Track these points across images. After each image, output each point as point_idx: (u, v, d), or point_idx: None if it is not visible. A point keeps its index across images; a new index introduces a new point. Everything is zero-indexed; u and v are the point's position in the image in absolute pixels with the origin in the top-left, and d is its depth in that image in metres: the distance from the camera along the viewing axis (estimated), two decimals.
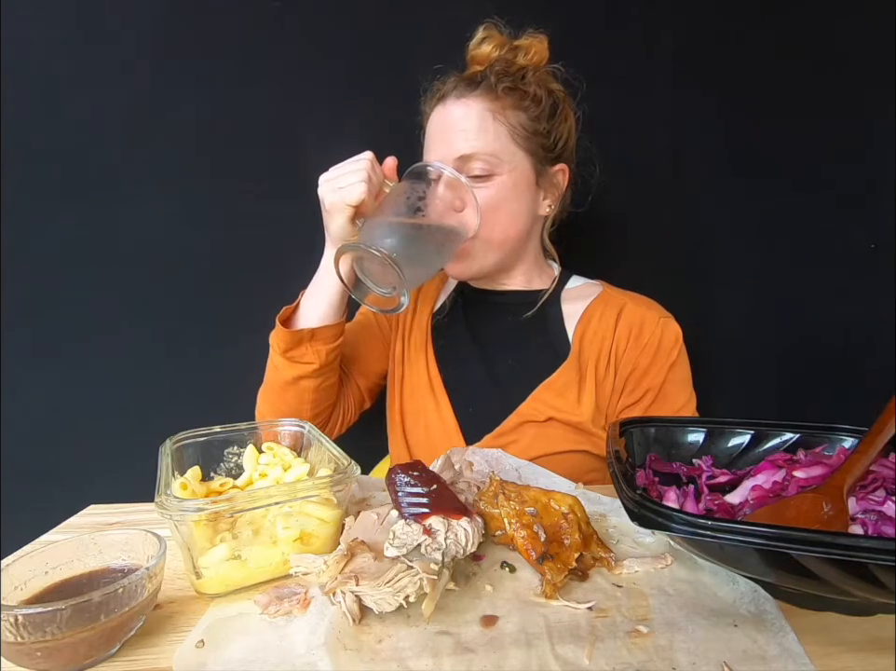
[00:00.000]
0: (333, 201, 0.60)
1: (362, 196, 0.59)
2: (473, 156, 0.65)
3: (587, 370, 0.69)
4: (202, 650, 0.32)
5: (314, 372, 0.66)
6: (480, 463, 0.57)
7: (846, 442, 0.46)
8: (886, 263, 0.97)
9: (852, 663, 0.31)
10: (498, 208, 0.67)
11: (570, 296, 0.76)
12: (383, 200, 0.61)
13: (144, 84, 0.87)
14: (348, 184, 0.59)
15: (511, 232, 0.70)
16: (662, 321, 0.70)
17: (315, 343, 0.66)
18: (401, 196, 0.60)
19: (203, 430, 0.51)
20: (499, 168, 0.66)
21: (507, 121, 0.65)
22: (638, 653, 0.31)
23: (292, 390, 0.68)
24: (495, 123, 0.65)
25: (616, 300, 0.73)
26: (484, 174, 0.65)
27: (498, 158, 0.65)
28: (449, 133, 0.66)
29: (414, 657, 0.31)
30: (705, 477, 0.47)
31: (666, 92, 0.94)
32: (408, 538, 0.37)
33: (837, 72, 0.94)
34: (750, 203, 0.97)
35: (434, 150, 0.68)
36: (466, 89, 0.66)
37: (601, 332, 0.70)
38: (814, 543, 0.28)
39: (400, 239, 0.56)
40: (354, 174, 0.60)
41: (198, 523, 0.37)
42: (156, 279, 0.90)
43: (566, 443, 0.67)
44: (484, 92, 0.65)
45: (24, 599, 0.32)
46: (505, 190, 0.67)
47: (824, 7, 0.92)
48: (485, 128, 0.65)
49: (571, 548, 0.40)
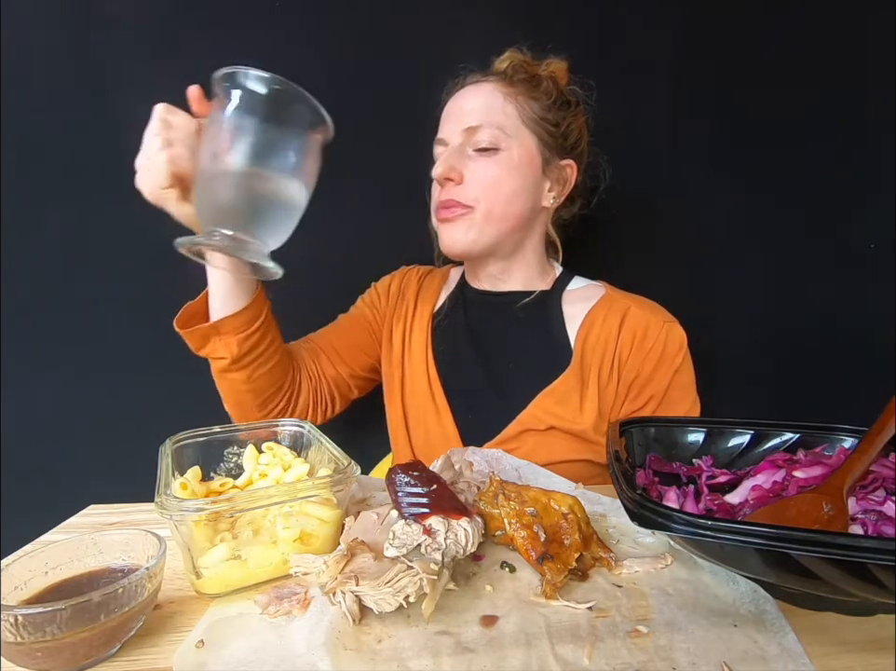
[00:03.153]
0: (150, 192, 0.51)
1: (170, 169, 0.48)
2: (480, 127, 0.66)
3: (589, 376, 0.68)
4: (202, 650, 0.32)
5: (232, 365, 0.63)
6: (480, 463, 0.57)
7: (846, 442, 0.46)
8: (886, 263, 0.97)
9: (852, 663, 0.31)
10: (501, 182, 0.67)
11: (572, 298, 0.75)
12: (197, 150, 0.46)
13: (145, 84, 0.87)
14: (152, 165, 0.49)
15: (513, 209, 0.69)
16: (667, 325, 0.69)
17: (223, 336, 0.62)
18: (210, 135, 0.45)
19: (203, 430, 0.51)
20: (505, 142, 0.66)
21: (517, 103, 0.67)
22: (638, 653, 0.31)
23: (225, 383, 0.67)
24: (504, 102, 0.67)
25: (619, 303, 0.71)
26: (491, 147, 0.66)
27: (504, 133, 0.66)
28: (459, 111, 0.69)
29: (414, 657, 0.31)
30: (705, 477, 0.47)
31: (665, 91, 0.94)
32: (408, 538, 0.37)
33: (838, 71, 0.94)
34: (750, 203, 0.97)
35: (443, 128, 0.70)
36: (481, 76, 0.69)
37: (604, 336, 0.69)
38: (814, 543, 0.28)
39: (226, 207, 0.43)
40: (150, 148, 0.49)
41: (198, 523, 0.37)
42: (157, 278, 0.90)
43: (568, 451, 0.66)
44: (499, 79, 0.68)
45: (24, 599, 0.32)
46: (509, 166, 0.67)
47: (825, 7, 0.92)
48: (495, 105, 0.67)
49: (571, 548, 0.40)
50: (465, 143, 0.67)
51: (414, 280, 0.84)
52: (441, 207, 0.69)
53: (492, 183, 0.66)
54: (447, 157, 0.67)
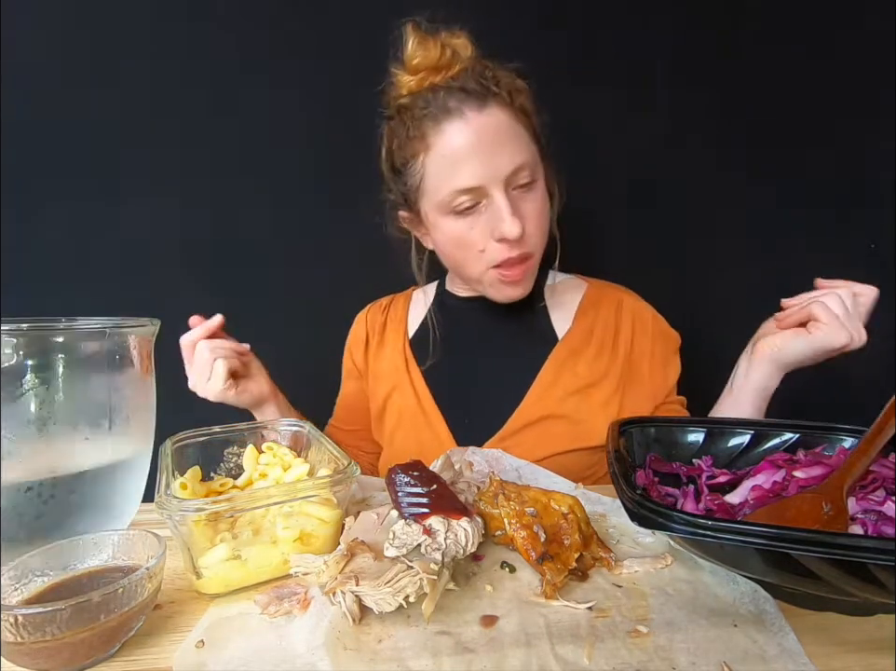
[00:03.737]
0: (216, 395, 0.63)
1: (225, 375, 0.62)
2: (521, 165, 0.60)
3: (584, 364, 0.70)
4: (202, 650, 0.32)
5: None
6: (480, 463, 0.57)
7: (846, 442, 0.46)
8: (886, 263, 0.97)
9: (852, 663, 0.31)
10: (543, 213, 0.65)
11: (555, 291, 0.76)
12: None
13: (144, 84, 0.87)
14: (211, 373, 0.62)
15: (547, 237, 0.68)
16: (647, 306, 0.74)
17: None
18: None
19: (203, 430, 0.51)
20: (537, 173, 0.64)
21: (525, 125, 0.63)
22: (638, 653, 0.31)
23: None
24: (519, 128, 0.62)
25: (610, 294, 0.75)
26: (530, 181, 0.62)
27: (536, 163, 0.63)
28: (488, 146, 0.59)
29: (414, 657, 0.31)
30: (705, 477, 0.47)
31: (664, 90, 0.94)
32: (408, 538, 0.37)
33: (838, 71, 0.94)
34: (749, 203, 0.97)
35: (475, 168, 0.59)
36: (479, 101, 0.60)
37: (601, 323, 0.72)
38: (814, 543, 0.28)
39: None
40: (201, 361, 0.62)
41: (198, 523, 0.37)
42: (156, 278, 0.90)
43: (567, 442, 0.67)
44: (501, 101, 0.61)
45: (24, 599, 0.32)
46: (544, 195, 0.65)
47: (825, 7, 0.92)
48: (518, 134, 0.61)
49: (571, 548, 0.40)
50: (506, 185, 0.61)
51: (379, 316, 0.83)
52: (515, 265, 0.64)
53: (540, 221, 0.64)
54: (514, 210, 0.60)
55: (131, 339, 0.44)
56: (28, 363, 0.38)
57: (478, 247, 0.63)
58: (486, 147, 0.59)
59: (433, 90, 0.61)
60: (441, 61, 0.60)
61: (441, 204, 0.63)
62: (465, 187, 0.60)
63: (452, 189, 0.61)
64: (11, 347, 0.37)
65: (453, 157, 0.60)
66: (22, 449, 0.38)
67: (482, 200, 0.61)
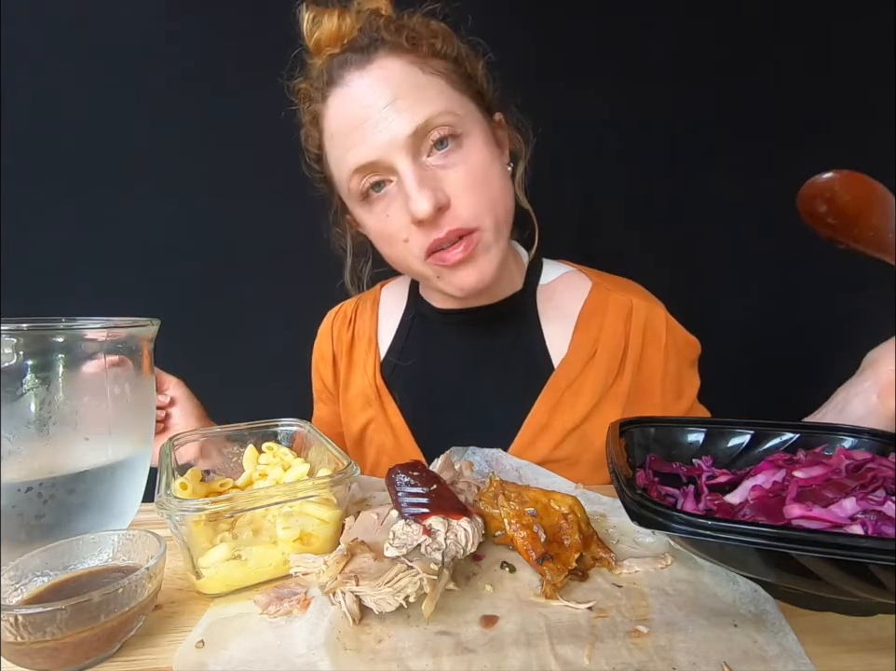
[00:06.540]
0: None
1: None
2: (428, 122, 0.49)
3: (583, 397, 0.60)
4: (202, 650, 0.32)
5: None
6: (480, 463, 0.57)
7: (846, 442, 0.46)
8: (886, 263, 0.97)
9: (852, 663, 0.31)
10: (481, 176, 0.51)
11: (548, 294, 0.64)
12: None
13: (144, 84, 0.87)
14: None
15: (509, 202, 0.55)
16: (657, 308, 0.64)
17: None
18: None
19: (203, 430, 0.51)
20: (462, 125, 0.51)
21: (436, 70, 0.51)
22: (638, 653, 0.31)
23: None
24: (425, 77, 0.50)
25: (619, 299, 0.63)
26: (452, 135, 0.50)
27: (456, 114, 0.50)
28: (375, 112, 0.48)
29: (414, 657, 0.31)
30: (705, 477, 0.46)
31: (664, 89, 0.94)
32: (408, 538, 0.37)
33: (837, 71, 0.94)
34: (749, 203, 0.97)
35: (364, 138, 0.49)
36: (362, 57, 0.49)
37: (606, 336, 0.61)
38: (814, 543, 0.28)
39: None
40: None
41: (198, 523, 0.37)
42: (156, 278, 0.90)
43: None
44: (392, 49, 0.50)
45: (24, 599, 0.32)
46: (481, 150, 0.52)
47: (825, 7, 0.92)
48: (423, 84, 0.49)
49: (571, 548, 0.40)
50: (413, 151, 0.49)
51: (345, 333, 0.72)
52: (446, 247, 0.52)
53: (478, 185, 0.51)
54: (421, 181, 0.49)
55: (131, 339, 0.44)
56: (28, 363, 0.38)
57: (401, 236, 0.52)
58: (375, 112, 0.48)
59: (326, 56, 0.52)
60: (341, 31, 0.51)
61: (350, 194, 0.53)
62: (358, 165, 0.50)
63: (348, 172, 0.51)
64: (11, 347, 0.37)
65: (340, 134, 0.51)
66: (22, 449, 0.38)
67: (391, 178, 0.51)
